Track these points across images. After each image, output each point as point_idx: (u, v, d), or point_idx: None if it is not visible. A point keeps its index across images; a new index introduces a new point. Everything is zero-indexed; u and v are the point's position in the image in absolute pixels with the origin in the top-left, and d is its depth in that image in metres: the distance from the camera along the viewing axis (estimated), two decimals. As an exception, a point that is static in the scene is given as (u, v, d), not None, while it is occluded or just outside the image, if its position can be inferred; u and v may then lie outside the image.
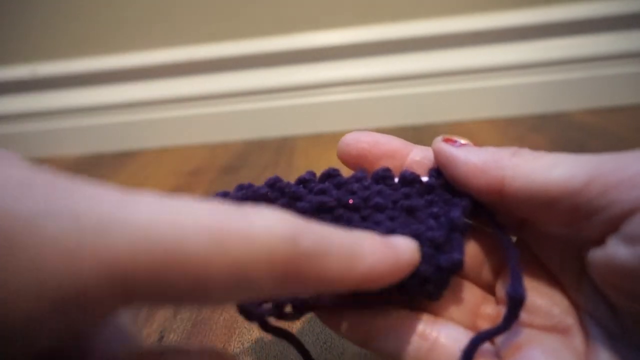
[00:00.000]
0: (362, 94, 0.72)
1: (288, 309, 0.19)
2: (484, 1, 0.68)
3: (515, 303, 0.17)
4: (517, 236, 0.21)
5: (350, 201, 0.20)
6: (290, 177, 0.21)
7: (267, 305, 0.19)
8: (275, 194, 0.20)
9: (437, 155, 0.20)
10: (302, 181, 0.20)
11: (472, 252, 0.21)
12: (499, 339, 0.18)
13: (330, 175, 0.21)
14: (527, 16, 0.68)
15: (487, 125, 0.69)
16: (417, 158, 0.21)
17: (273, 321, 0.20)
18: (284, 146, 0.70)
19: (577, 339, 0.18)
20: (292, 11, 0.70)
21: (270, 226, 0.12)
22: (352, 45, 0.70)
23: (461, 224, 0.18)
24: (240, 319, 0.30)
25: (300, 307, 0.19)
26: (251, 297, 0.12)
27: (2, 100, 0.77)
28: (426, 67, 0.71)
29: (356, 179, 0.20)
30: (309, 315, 0.29)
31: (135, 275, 0.10)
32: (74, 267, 0.10)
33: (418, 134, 0.67)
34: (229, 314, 0.31)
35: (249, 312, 0.19)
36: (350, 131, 0.22)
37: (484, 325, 0.19)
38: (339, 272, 0.13)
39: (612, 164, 0.16)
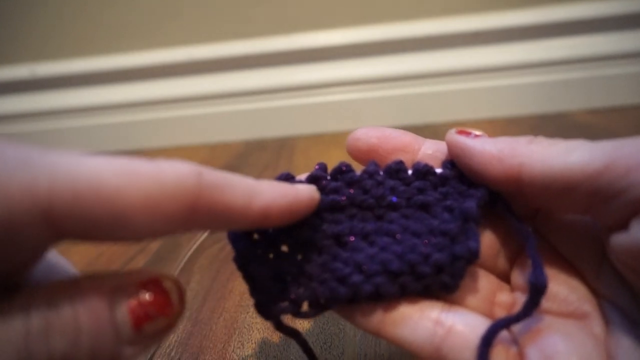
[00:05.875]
0: (362, 94, 0.72)
1: (305, 307, 0.19)
2: (484, 1, 0.68)
3: (536, 291, 0.17)
4: (532, 225, 0.21)
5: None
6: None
7: (284, 304, 0.19)
8: None
9: (451, 147, 0.20)
10: (313, 178, 0.20)
11: (487, 240, 0.20)
12: (516, 326, 0.18)
13: (342, 171, 0.20)
14: (527, 16, 0.68)
15: (487, 125, 0.69)
16: (429, 152, 0.21)
17: (286, 320, 0.20)
18: (284, 146, 0.70)
19: (596, 325, 0.17)
20: (292, 11, 0.70)
21: (176, 164, 0.14)
22: (352, 45, 0.70)
23: (475, 215, 0.18)
24: (241, 318, 0.30)
25: (318, 305, 0.19)
26: (169, 229, 0.14)
27: (2, 100, 0.77)
28: (426, 67, 0.71)
29: (369, 174, 0.20)
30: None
31: (56, 205, 0.12)
32: (1, 195, 0.11)
33: (418, 134, 0.67)
34: (229, 314, 0.31)
35: (267, 310, 0.18)
36: (351, 131, 0.22)
37: (500, 313, 0.19)
38: (242, 203, 0.15)
39: (632, 147, 0.16)
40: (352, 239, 0.19)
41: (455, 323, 0.18)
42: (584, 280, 0.19)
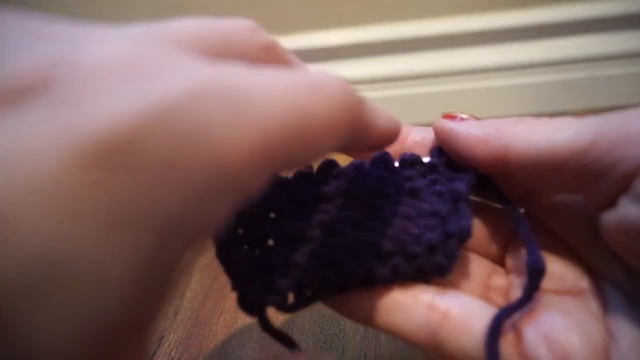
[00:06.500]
0: (362, 94, 0.72)
1: (290, 299, 0.18)
2: (484, 1, 0.68)
3: (535, 274, 0.17)
4: (523, 207, 0.21)
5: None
6: (290, 175, 0.21)
7: (269, 296, 0.18)
8: (275, 188, 0.20)
9: (437, 132, 0.20)
10: (300, 175, 0.20)
11: (480, 224, 0.20)
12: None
13: (328, 166, 0.20)
14: (527, 16, 0.68)
15: (487, 125, 0.69)
16: (417, 138, 0.21)
17: (274, 320, 0.19)
18: (284, 146, 0.70)
19: (593, 302, 0.17)
20: (292, 11, 0.70)
21: (341, 90, 0.13)
22: (352, 45, 0.70)
23: (465, 194, 0.18)
24: (241, 319, 0.30)
25: (303, 297, 0.18)
26: (335, 145, 0.13)
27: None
28: (426, 67, 0.71)
29: (354, 166, 0.20)
30: (309, 316, 0.29)
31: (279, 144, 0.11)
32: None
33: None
34: (229, 314, 0.31)
35: (250, 304, 0.18)
36: None
37: (495, 296, 0.19)
38: (384, 125, 0.16)
39: (617, 122, 0.15)
40: (342, 227, 0.19)
41: (450, 306, 0.17)
42: (580, 257, 0.19)
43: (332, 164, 0.20)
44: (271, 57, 0.15)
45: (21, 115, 0.08)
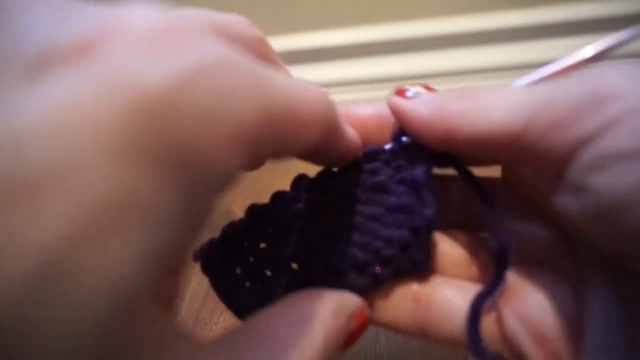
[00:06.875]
0: (362, 94, 0.72)
1: None
2: (484, 1, 0.68)
3: (501, 254, 0.17)
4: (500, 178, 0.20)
5: None
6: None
7: None
8: (258, 218, 0.20)
9: (392, 112, 0.19)
10: (276, 196, 0.20)
11: (456, 202, 0.20)
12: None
13: (299, 180, 0.21)
14: (527, 16, 0.68)
15: (487, 125, 0.69)
16: (368, 112, 0.20)
17: None
18: (284, 146, 0.70)
19: (569, 269, 0.17)
20: (292, 11, 0.70)
21: (322, 93, 0.15)
22: (352, 45, 0.70)
23: (424, 181, 0.18)
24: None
25: None
26: (313, 138, 0.15)
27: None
28: (426, 67, 0.71)
29: (322, 175, 0.20)
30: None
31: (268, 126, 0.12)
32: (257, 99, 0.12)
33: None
34: (229, 315, 0.31)
35: None
36: None
37: (482, 273, 0.19)
38: (351, 137, 0.18)
39: (554, 100, 0.14)
40: (320, 242, 0.19)
41: (432, 296, 0.17)
42: (554, 225, 0.18)
43: (301, 177, 0.20)
44: (261, 49, 0.16)
45: (84, 69, 0.09)
